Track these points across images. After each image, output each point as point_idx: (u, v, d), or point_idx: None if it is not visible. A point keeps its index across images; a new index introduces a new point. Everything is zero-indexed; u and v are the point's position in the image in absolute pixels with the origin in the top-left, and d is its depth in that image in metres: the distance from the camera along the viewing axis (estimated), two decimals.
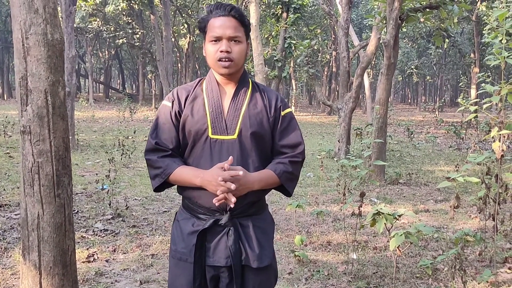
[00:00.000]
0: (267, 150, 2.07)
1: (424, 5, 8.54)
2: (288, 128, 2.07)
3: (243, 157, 1.99)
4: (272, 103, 2.06)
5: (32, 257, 2.60)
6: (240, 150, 1.99)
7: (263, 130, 2.02)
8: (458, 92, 48.53)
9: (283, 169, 2.03)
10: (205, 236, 2.00)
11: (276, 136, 2.07)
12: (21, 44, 2.56)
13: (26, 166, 2.59)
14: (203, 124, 1.99)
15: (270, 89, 2.14)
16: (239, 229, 1.99)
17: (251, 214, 2.03)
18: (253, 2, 5.68)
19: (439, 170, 9.86)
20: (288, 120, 2.08)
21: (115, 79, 64.07)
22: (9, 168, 8.59)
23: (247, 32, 2.07)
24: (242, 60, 2.01)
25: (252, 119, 2.01)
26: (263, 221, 2.08)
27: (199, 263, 1.99)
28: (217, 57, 1.96)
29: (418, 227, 3.23)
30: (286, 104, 2.11)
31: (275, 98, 2.08)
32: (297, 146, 2.08)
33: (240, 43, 1.98)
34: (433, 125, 22.27)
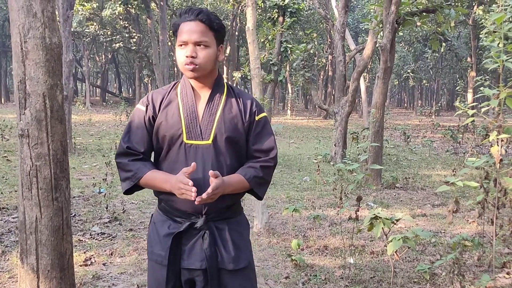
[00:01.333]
0: (242, 155, 2.07)
1: (421, 9, 8.58)
2: (261, 133, 2.07)
3: (218, 162, 1.99)
4: (247, 107, 2.05)
5: (30, 260, 2.59)
6: (215, 155, 1.99)
7: (238, 134, 2.02)
8: (454, 96, 48.68)
9: (254, 174, 2.03)
10: (180, 239, 2.01)
11: (250, 140, 2.06)
12: (19, 47, 2.56)
13: (24, 169, 2.59)
14: (177, 129, 1.99)
15: (245, 93, 2.12)
16: (215, 232, 2.01)
17: (227, 217, 2.05)
18: (250, 6, 5.69)
19: (436, 175, 9.88)
20: (262, 124, 2.07)
21: (111, 83, 64.01)
22: (6, 171, 8.57)
23: (218, 36, 2.01)
24: (209, 64, 1.98)
25: (227, 124, 2.00)
26: (238, 224, 2.10)
27: (174, 266, 2.00)
28: (183, 61, 1.95)
29: (415, 232, 3.24)
30: (262, 108, 2.11)
31: (250, 102, 2.07)
32: (269, 151, 2.07)
33: (207, 48, 1.96)
34: (429, 129, 22.32)
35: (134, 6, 25.85)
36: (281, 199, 7.34)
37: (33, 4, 2.56)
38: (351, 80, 11.26)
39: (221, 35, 2.03)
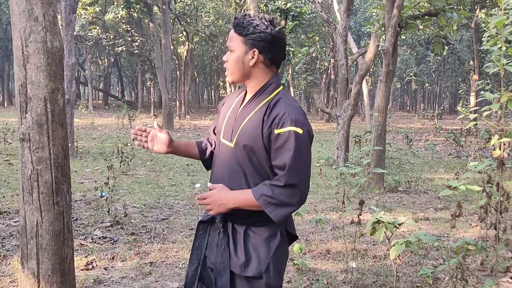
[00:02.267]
0: (262, 165, 2.01)
1: (423, 13, 8.57)
2: (281, 147, 1.94)
3: (237, 166, 2.03)
4: (270, 118, 1.97)
5: (30, 265, 2.59)
6: (236, 159, 2.03)
7: (255, 144, 1.99)
8: (457, 99, 48.63)
9: (263, 192, 1.95)
10: (208, 229, 2.15)
11: (271, 154, 1.98)
12: (20, 51, 2.56)
13: (25, 173, 2.58)
14: (220, 126, 2.15)
15: (283, 105, 2.00)
16: (230, 233, 2.05)
17: (249, 223, 2.04)
18: (252, 10, 5.70)
19: (438, 178, 9.85)
20: (284, 139, 1.93)
21: (114, 86, 64.15)
22: (8, 175, 8.57)
23: (248, 41, 2.02)
24: (235, 68, 2.04)
25: (248, 132, 2.00)
26: (258, 235, 2.04)
27: (198, 251, 2.15)
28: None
29: (418, 236, 3.21)
30: (289, 122, 1.93)
31: (277, 114, 1.96)
32: (283, 168, 1.94)
33: (233, 52, 2.04)
34: (432, 133, 22.28)
35: (136, 10, 25.92)
36: None
37: (34, 8, 2.56)
38: (353, 83, 11.25)
39: (251, 40, 2.01)
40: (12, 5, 2.58)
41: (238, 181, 2.04)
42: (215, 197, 2.00)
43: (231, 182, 2.03)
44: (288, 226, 2.12)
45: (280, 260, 2.08)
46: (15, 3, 2.56)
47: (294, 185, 1.94)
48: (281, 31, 2.07)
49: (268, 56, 2.04)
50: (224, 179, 2.06)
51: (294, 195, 1.95)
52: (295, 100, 2.07)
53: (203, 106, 49.85)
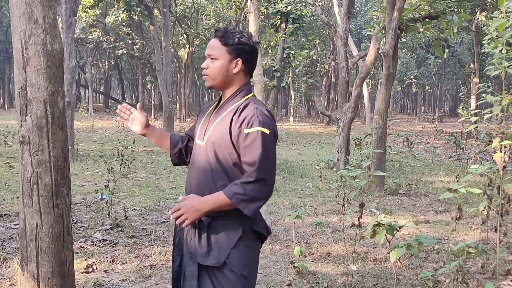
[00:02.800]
0: (227, 161, 2.16)
1: (424, 15, 8.57)
2: (249, 146, 2.09)
3: (207, 162, 2.20)
4: (240, 119, 2.13)
5: (30, 267, 2.58)
6: (205, 156, 2.21)
7: (223, 142, 2.15)
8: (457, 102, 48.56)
9: (234, 191, 2.08)
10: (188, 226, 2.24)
11: (241, 151, 2.13)
12: (20, 54, 2.56)
13: (25, 176, 2.58)
14: (196, 130, 2.35)
15: (252, 107, 2.16)
16: (196, 225, 2.19)
17: (215, 216, 2.16)
18: (252, 13, 5.69)
19: (439, 181, 9.84)
20: (252, 138, 2.08)
21: (114, 89, 64.16)
22: (9, 177, 8.57)
23: (232, 51, 2.19)
24: (217, 75, 2.21)
25: (217, 131, 2.18)
26: (221, 228, 2.17)
27: (178, 247, 2.29)
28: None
29: (419, 239, 3.20)
30: (257, 123, 2.10)
31: (246, 115, 2.13)
32: (253, 165, 2.08)
33: (216, 60, 2.20)
34: (432, 135, 22.27)
35: (137, 12, 25.94)
36: (283, 206, 7.31)
37: (34, 10, 2.55)
38: (353, 86, 11.25)
39: (237, 50, 2.20)
40: (12, 7, 2.57)
41: (206, 177, 2.20)
42: (188, 205, 2.11)
43: (200, 178, 2.21)
44: (254, 224, 2.22)
45: (243, 254, 2.17)
46: (15, 6, 2.56)
47: (264, 180, 2.10)
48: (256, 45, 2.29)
49: (247, 66, 2.24)
50: (195, 176, 2.24)
51: (263, 189, 2.11)
52: (263, 105, 2.24)
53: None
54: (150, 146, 15.13)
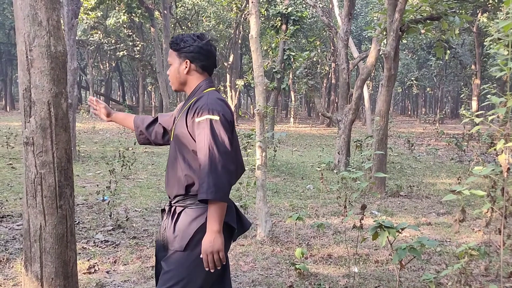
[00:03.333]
0: (188, 152, 2.35)
1: (425, 17, 8.56)
2: (200, 134, 2.27)
3: (174, 157, 2.41)
4: (193, 110, 2.33)
5: (34, 268, 2.59)
6: (174, 150, 2.43)
7: (183, 134, 2.36)
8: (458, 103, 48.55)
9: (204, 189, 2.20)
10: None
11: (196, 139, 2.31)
12: (25, 56, 2.57)
13: (29, 177, 2.59)
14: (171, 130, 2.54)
15: (204, 99, 2.35)
16: (171, 215, 2.39)
17: (186, 205, 2.35)
18: (253, 14, 5.69)
19: (440, 183, 9.84)
20: (202, 126, 2.26)
21: (115, 91, 64.19)
22: (11, 179, 8.58)
23: (180, 54, 2.44)
24: (174, 78, 2.48)
25: (178, 125, 2.41)
26: (188, 215, 2.33)
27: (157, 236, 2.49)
28: None
29: (421, 241, 3.21)
30: (206, 112, 2.27)
31: (197, 106, 2.33)
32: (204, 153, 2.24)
33: (171, 66, 2.47)
34: (433, 137, 22.27)
35: (138, 14, 25.98)
36: (284, 207, 7.31)
37: (38, 13, 2.57)
38: (354, 87, 11.26)
39: (184, 53, 2.43)
40: (17, 10, 2.59)
41: (173, 169, 2.40)
42: (206, 248, 2.21)
43: (170, 172, 2.43)
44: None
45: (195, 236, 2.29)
46: (19, 8, 2.57)
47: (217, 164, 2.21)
48: (208, 43, 2.46)
49: (199, 64, 2.44)
50: (168, 171, 2.45)
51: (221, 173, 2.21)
52: (219, 95, 2.43)
53: None
54: (151, 147, 15.14)
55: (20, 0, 2.56)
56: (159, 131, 2.70)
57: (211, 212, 2.21)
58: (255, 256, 4.93)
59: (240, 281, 4.24)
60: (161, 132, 2.69)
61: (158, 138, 2.71)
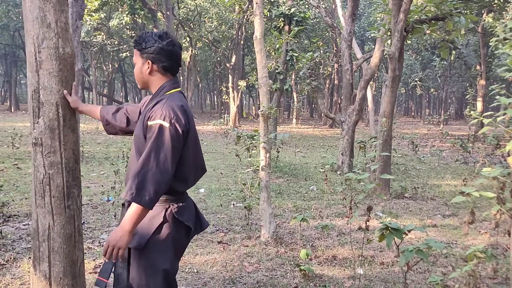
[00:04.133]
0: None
1: (430, 17, 8.54)
2: (149, 138, 2.28)
3: (133, 156, 2.44)
4: (149, 113, 2.35)
5: (42, 267, 2.60)
6: (133, 148, 2.46)
7: (139, 134, 2.40)
8: (463, 104, 48.43)
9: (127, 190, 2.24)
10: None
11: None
12: (33, 57, 2.59)
13: (37, 177, 2.60)
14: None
15: (161, 103, 2.35)
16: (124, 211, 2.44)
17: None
18: (258, 16, 5.70)
19: (445, 184, 9.82)
20: (152, 131, 2.28)
21: (118, 92, 64.29)
22: (17, 179, 8.61)
23: (142, 54, 2.45)
24: (137, 77, 2.50)
25: (138, 124, 2.46)
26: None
27: None
28: None
29: (428, 243, 3.20)
30: (158, 117, 2.28)
31: (154, 109, 2.34)
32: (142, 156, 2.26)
33: (135, 65, 2.50)
34: (438, 138, 22.22)
35: (140, 16, 26.03)
36: (288, 209, 7.31)
37: (47, 15, 2.58)
38: (358, 88, 11.26)
39: (146, 53, 2.44)
40: (26, 12, 2.60)
41: (131, 165, 2.44)
42: (112, 239, 2.24)
43: (128, 170, 2.47)
44: (179, 214, 2.40)
45: (162, 241, 2.36)
46: (28, 10, 2.59)
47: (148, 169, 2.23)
48: (170, 43, 2.43)
49: (160, 65, 2.44)
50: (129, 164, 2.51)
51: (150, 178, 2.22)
52: (179, 100, 2.40)
53: (206, 112, 49.91)
54: None
55: (29, 2, 2.58)
56: (122, 118, 2.74)
57: (129, 211, 2.24)
58: (260, 257, 4.93)
59: (244, 282, 4.25)
60: (124, 120, 2.73)
61: (122, 123, 2.74)
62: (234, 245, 5.35)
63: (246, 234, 5.79)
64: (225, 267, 4.61)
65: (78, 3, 9.85)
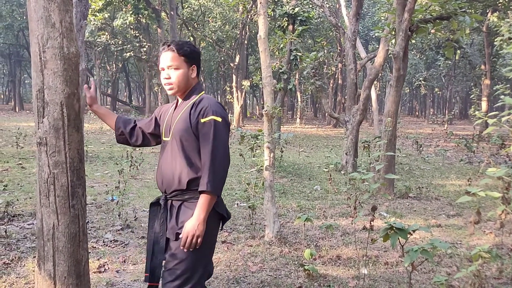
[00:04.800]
0: (192, 150, 2.54)
1: (435, 16, 8.50)
2: (206, 134, 2.49)
3: (173, 154, 2.57)
4: (197, 111, 2.54)
5: (47, 267, 2.61)
6: (171, 148, 2.59)
7: (186, 133, 2.54)
8: (467, 104, 48.28)
9: (205, 181, 2.43)
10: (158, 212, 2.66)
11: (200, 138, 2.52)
12: (38, 57, 2.59)
13: (42, 177, 2.61)
14: (161, 130, 2.74)
15: (206, 101, 2.57)
16: (168, 208, 2.58)
17: (184, 200, 2.55)
18: (262, 15, 5.69)
19: (450, 184, 9.78)
20: (208, 126, 2.49)
21: (122, 91, 64.41)
22: (21, 178, 8.64)
23: (188, 59, 2.61)
24: (182, 82, 2.61)
25: (181, 125, 2.56)
26: (189, 209, 2.51)
27: (151, 229, 2.66)
28: (163, 82, 2.64)
29: (433, 243, 3.19)
30: (212, 113, 2.50)
31: (201, 107, 2.54)
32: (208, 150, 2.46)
33: (178, 70, 2.59)
34: (442, 138, 22.16)
35: (144, 16, 26.11)
36: (292, 208, 7.31)
37: (51, 14, 2.59)
38: (362, 88, 11.23)
39: (191, 58, 2.62)
40: (30, 12, 2.61)
41: (173, 166, 2.55)
42: (190, 228, 2.42)
43: (168, 168, 2.57)
44: (217, 205, 2.56)
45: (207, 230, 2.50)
46: (33, 10, 2.59)
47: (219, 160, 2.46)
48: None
49: (198, 69, 2.68)
50: (165, 167, 2.60)
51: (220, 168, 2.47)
52: (215, 99, 2.64)
53: None
54: (158, 148, 15.13)
55: (34, 2, 2.58)
56: (139, 134, 2.91)
57: (202, 201, 2.43)
58: (264, 257, 4.92)
59: (249, 282, 4.24)
60: (141, 135, 2.90)
61: (138, 140, 2.91)
62: (238, 244, 5.35)
63: (250, 233, 5.79)
64: (229, 266, 4.61)
65: (82, 3, 9.86)
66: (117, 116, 2.97)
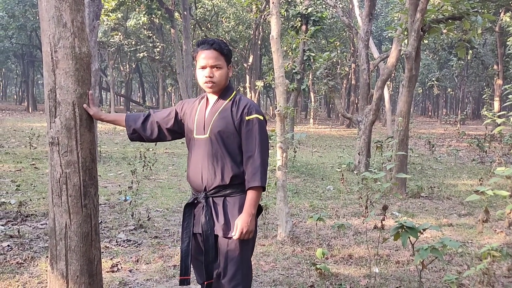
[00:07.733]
0: (234, 147, 2.61)
1: (447, 16, 8.44)
2: (251, 130, 2.58)
3: (213, 150, 2.61)
4: (240, 109, 2.62)
5: (59, 266, 2.64)
6: (210, 145, 2.61)
7: (227, 129, 2.60)
8: (480, 104, 47.75)
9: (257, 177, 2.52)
10: (193, 210, 2.71)
11: (242, 135, 2.60)
12: (50, 57, 2.62)
13: (54, 176, 2.64)
14: (192, 126, 2.72)
15: (245, 100, 2.68)
16: (211, 205, 2.62)
17: (225, 195, 2.62)
18: (274, 15, 5.69)
19: (462, 184, 9.70)
20: (252, 123, 2.59)
21: (135, 92, 64.80)
22: (35, 179, 8.73)
23: (227, 59, 2.67)
24: (223, 81, 2.66)
25: (221, 122, 2.61)
26: (232, 204, 2.61)
27: (187, 230, 2.72)
28: (203, 80, 2.64)
29: (443, 241, 3.17)
30: (255, 112, 2.62)
31: (243, 105, 2.63)
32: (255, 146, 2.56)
33: (221, 69, 2.64)
34: (455, 138, 21.96)
35: (158, 16, 26.21)
36: (304, 208, 7.30)
37: (63, 14, 2.61)
38: (375, 88, 11.18)
39: (229, 58, 2.70)
40: (42, 11, 2.64)
41: (214, 162, 2.60)
42: (244, 225, 2.51)
43: (209, 164, 2.61)
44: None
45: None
46: (44, 10, 2.62)
47: (264, 155, 2.58)
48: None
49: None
50: (204, 164, 2.62)
51: (266, 162, 2.59)
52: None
53: None
54: (171, 148, 15.25)
55: (45, 2, 2.61)
56: (154, 128, 2.86)
57: (252, 197, 2.53)
58: (276, 256, 4.93)
59: (261, 281, 4.25)
60: (156, 129, 2.85)
61: (154, 134, 2.86)
62: None
63: (263, 233, 5.80)
64: None
65: (95, 3, 9.96)
66: (125, 115, 2.96)
